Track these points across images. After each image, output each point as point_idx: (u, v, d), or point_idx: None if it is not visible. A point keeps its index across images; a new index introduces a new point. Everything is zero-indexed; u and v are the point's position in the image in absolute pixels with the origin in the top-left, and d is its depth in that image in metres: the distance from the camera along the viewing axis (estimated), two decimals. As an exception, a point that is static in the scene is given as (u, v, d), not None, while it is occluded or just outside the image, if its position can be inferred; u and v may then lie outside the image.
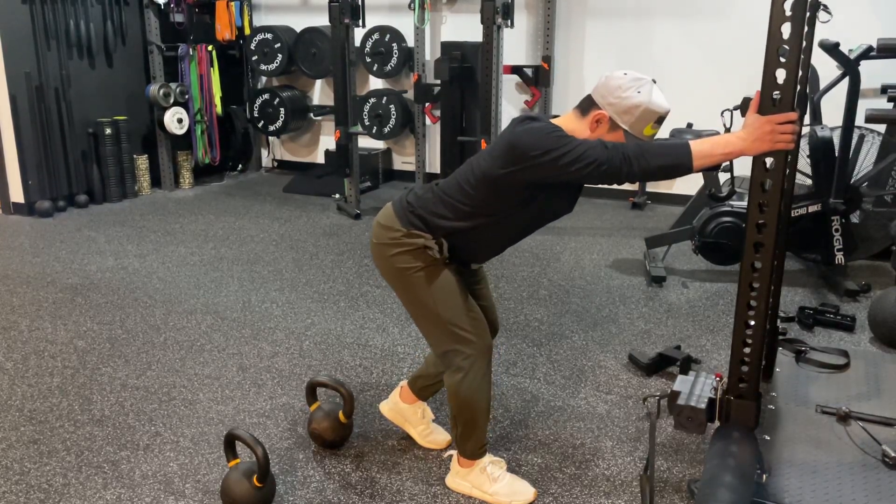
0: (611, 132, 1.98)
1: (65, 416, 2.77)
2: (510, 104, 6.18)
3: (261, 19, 6.83)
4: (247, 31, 6.52)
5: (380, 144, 6.60)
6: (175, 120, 6.17)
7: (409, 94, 6.20)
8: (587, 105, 2.02)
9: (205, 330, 3.55)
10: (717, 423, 1.97)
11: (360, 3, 5.44)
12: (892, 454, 1.96)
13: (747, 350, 1.86)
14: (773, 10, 1.66)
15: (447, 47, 5.42)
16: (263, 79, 7.00)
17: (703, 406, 1.89)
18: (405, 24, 6.06)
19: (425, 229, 2.13)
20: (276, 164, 7.32)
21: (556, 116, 2.11)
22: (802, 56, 1.78)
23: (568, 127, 2.02)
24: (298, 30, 6.45)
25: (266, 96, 6.58)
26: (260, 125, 6.71)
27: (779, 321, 2.63)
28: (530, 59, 6.10)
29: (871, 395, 2.37)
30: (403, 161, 6.71)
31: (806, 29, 1.70)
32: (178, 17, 6.22)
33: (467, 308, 2.19)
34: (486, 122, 5.05)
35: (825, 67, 4.32)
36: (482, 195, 2.06)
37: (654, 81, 1.98)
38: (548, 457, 2.51)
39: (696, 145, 1.88)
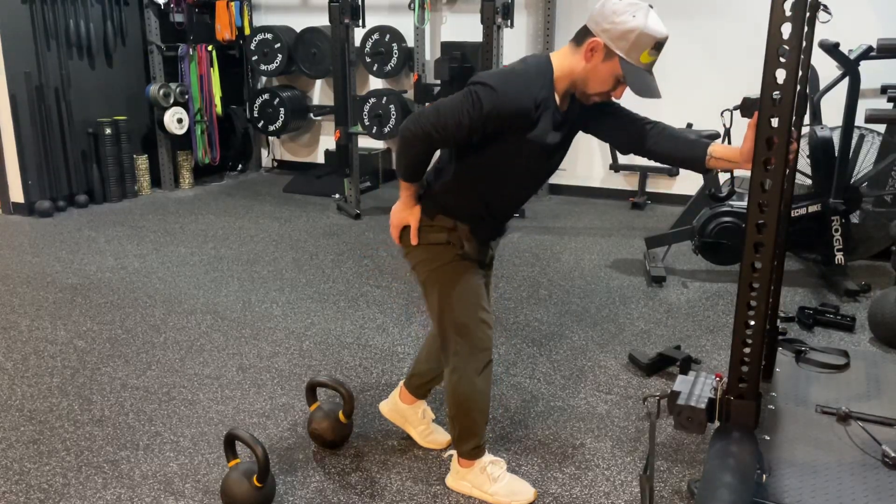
0: (606, 61, 1.93)
1: (65, 416, 2.77)
2: (510, 104, 6.17)
3: (261, 19, 6.83)
4: (247, 31, 6.52)
5: (380, 144, 6.60)
6: (175, 120, 6.17)
7: (409, 94, 6.20)
8: (582, 35, 1.96)
9: (205, 330, 3.55)
10: (717, 423, 1.96)
11: (360, 3, 5.45)
12: (892, 454, 1.96)
13: (747, 350, 1.86)
14: (773, 10, 1.66)
15: (447, 47, 5.42)
16: (263, 79, 7.01)
17: (703, 406, 1.89)
18: (405, 24, 6.06)
19: (441, 209, 2.12)
20: (276, 164, 7.32)
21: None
22: (802, 56, 1.78)
23: (564, 62, 1.98)
24: (298, 30, 6.46)
25: (266, 96, 6.58)
26: (260, 125, 6.71)
27: (779, 321, 2.63)
28: (528, 54, 6.09)
29: (871, 395, 2.37)
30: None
31: (806, 29, 1.70)
32: (178, 17, 6.22)
33: (481, 310, 2.18)
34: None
35: (825, 67, 4.32)
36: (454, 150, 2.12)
37: (651, 7, 1.93)
38: (548, 457, 2.51)
39: (403, 168, 2.06)
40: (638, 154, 2.18)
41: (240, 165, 7.11)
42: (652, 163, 5.66)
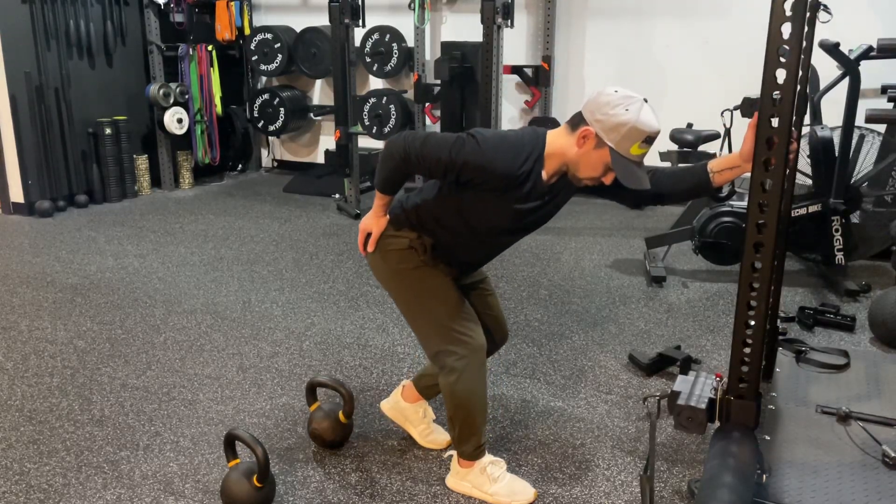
0: (597, 149, 1.98)
1: (65, 416, 2.77)
2: (510, 104, 6.18)
3: (261, 19, 6.83)
4: (247, 31, 6.52)
5: (380, 144, 6.60)
6: (175, 120, 6.17)
7: (409, 94, 6.20)
8: (577, 121, 2.02)
9: (205, 330, 3.55)
10: (717, 423, 1.97)
11: (360, 3, 5.44)
12: (892, 454, 1.96)
13: (747, 350, 1.86)
14: (773, 10, 1.66)
15: (447, 47, 5.42)
16: (263, 79, 7.01)
17: (703, 406, 1.89)
18: (405, 24, 6.06)
19: (408, 224, 2.18)
20: (276, 164, 7.32)
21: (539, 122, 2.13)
22: (802, 56, 1.78)
23: (557, 142, 2.04)
24: (298, 30, 6.46)
25: (266, 96, 6.58)
26: (260, 125, 6.71)
27: (779, 321, 2.63)
28: (530, 59, 6.10)
29: (871, 395, 2.37)
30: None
31: (806, 29, 1.70)
32: (178, 17, 6.22)
33: (459, 308, 2.20)
34: (486, 123, 5.05)
35: (825, 67, 4.32)
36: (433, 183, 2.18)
37: (646, 101, 1.97)
38: (548, 457, 2.51)
39: (379, 179, 2.10)
40: (648, 204, 2.24)
41: (240, 165, 7.11)
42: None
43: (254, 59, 6.53)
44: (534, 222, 2.17)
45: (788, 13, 1.65)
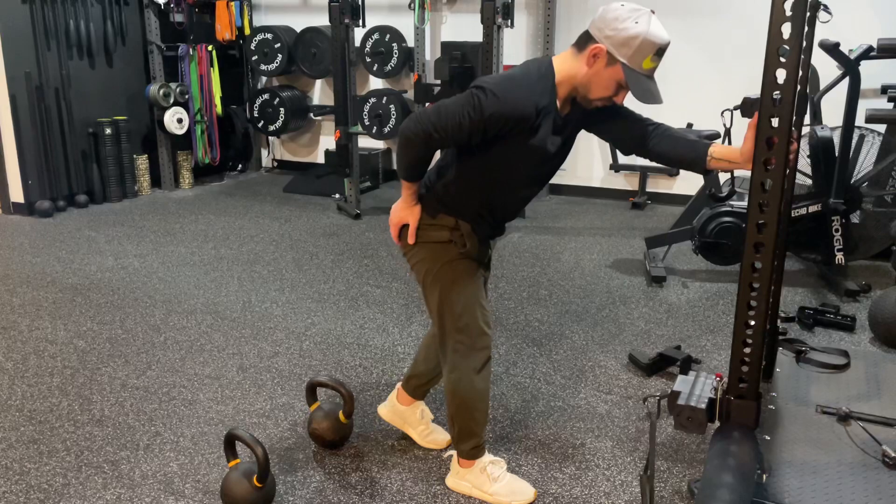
0: (608, 67, 1.93)
1: (65, 416, 2.77)
2: (510, 104, 6.17)
3: (261, 19, 6.83)
4: (247, 31, 6.52)
5: (380, 144, 6.60)
6: (175, 120, 6.17)
7: (409, 94, 6.20)
8: (584, 40, 1.97)
9: (205, 330, 3.55)
10: (717, 423, 1.96)
11: (360, 3, 5.45)
12: (892, 454, 1.96)
13: (747, 350, 1.86)
14: (773, 10, 1.66)
15: (447, 47, 5.42)
16: (263, 79, 7.01)
17: (703, 406, 1.89)
18: (405, 24, 6.06)
19: (441, 207, 2.13)
20: (276, 164, 7.32)
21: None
22: (802, 56, 1.78)
23: (565, 67, 1.99)
24: (298, 30, 6.46)
25: (266, 96, 6.58)
26: (260, 125, 6.71)
27: (779, 321, 2.63)
28: (530, 59, 6.09)
29: (871, 395, 2.37)
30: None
31: (806, 29, 1.70)
32: (178, 17, 6.22)
33: (480, 307, 2.19)
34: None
35: (825, 67, 4.32)
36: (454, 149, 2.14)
37: (653, 12, 1.93)
38: (548, 457, 2.51)
39: (403, 167, 2.07)
40: (639, 155, 2.20)
41: (240, 165, 7.11)
42: (652, 163, 5.71)
43: (254, 59, 6.53)
44: (559, 160, 2.13)
45: (788, 13, 1.65)
